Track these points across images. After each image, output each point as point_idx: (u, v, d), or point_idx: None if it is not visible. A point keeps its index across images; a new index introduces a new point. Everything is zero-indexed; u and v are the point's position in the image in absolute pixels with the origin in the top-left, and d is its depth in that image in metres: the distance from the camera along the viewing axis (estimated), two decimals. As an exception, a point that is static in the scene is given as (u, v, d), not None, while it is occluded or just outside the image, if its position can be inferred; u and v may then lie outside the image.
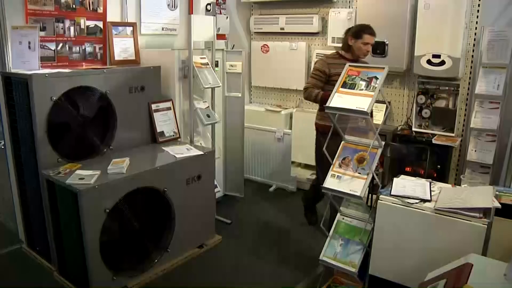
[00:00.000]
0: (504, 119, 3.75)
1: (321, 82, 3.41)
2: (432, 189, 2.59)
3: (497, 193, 2.52)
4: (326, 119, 3.29)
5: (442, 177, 3.93)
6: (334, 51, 3.64)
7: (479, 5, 3.90)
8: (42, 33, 3.23)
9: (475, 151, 3.84)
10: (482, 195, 2.36)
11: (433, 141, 3.92)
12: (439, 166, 3.96)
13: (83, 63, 3.54)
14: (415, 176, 2.90)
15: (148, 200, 3.05)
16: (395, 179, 2.74)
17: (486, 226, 2.19)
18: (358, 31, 3.42)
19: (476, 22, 3.93)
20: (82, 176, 2.72)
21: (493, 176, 3.83)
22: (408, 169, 4.06)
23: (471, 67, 4.00)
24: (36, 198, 3.06)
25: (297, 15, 4.95)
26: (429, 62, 3.92)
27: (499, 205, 2.28)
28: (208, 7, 4.42)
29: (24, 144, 3.01)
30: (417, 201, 2.46)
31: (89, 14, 3.54)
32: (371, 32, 3.43)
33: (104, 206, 2.69)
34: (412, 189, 2.58)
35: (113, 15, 3.73)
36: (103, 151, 3.24)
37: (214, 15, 4.32)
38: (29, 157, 2.98)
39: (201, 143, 4.00)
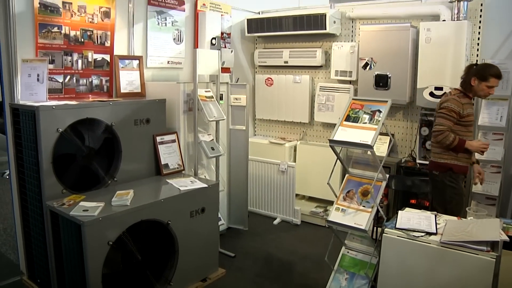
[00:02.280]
0: (508, 150, 3.75)
1: (453, 123, 3.23)
2: (437, 221, 2.57)
3: (505, 225, 2.50)
4: (457, 159, 3.28)
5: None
6: (456, 90, 3.37)
7: (479, 39, 3.97)
8: (51, 66, 3.30)
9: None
10: (489, 228, 2.34)
11: (438, 173, 3.90)
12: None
13: (90, 95, 3.59)
14: (420, 209, 2.88)
15: (152, 233, 3.03)
16: (400, 212, 2.73)
17: (494, 260, 2.16)
18: (485, 74, 3.19)
19: (477, 55, 3.99)
20: (86, 207, 2.71)
21: (500, 208, 3.80)
22: (413, 201, 4.03)
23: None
24: (39, 229, 3.05)
25: (301, 49, 5.03)
26: (431, 94, 3.95)
27: (507, 238, 2.25)
28: (213, 41, 4.50)
29: (29, 175, 3.02)
30: (423, 234, 2.44)
31: (97, 47, 3.61)
32: (498, 75, 3.21)
33: (108, 238, 2.67)
34: (417, 222, 2.57)
35: (120, 49, 3.81)
36: (107, 182, 3.24)
37: (219, 49, 4.39)
38: (34, 187, 2.99)
39: (205, 176, 4.00)
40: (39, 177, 2.89)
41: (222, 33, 4.71)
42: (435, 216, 2.65)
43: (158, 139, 3.58)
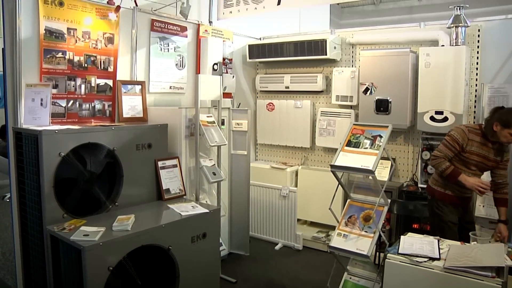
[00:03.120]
0: (510, 174, 3.73)
1: (453, 153, 3.17)
2: (440, 246, 2.55)
3: (509, 250, 2.47)
4: (448, 188, 3.24)
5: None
6: (477, 125, 3.26)
7: (477, 63, 4.02)
8: (54, 91, 3.33)
9: (483, 206, 3.80)
10: (494, 253, 2.32)
11: (440, 198, 3.88)
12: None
13: (92, 120, 3.62)
14: (422, 233, 2.86)
15: (153, 258, 3.00)
16: (402, 237, 2.71)
17: (500, 286, 2.13)
18: (509, 120, 3.02)
19: (476, 79, 4.03)
20: (87, 232, 2.70)
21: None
22: (415, 226, 4.00)
23: (474, 122, 4.05)
24: (38, 254, 3.02)
25: (302, 74, 5.08)
26: (432, 118, 3.97)
27: (512, 264, 2.23)
28: (215, 66, 4.55)
29: (30, 199, 3.02)
30: (426, 259, 2.42)
31: (100, 72, 3.66)
32: None
33: (108, 263, 2.65)
34: (420, 247, 2.55)
35: (123, 74, 3.86)
36: (108, 207, 3.23)
37: (221, 74, 4.44)
38: (34, 211, 2.97)
39: (206, 201, 3.98)
40: (40, 201, 2.88)
41: (223, 59, 4.76)
42: (438, 241, 2.63)
43: (160, 164, 3.58)
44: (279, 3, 4.29)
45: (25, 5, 3.13)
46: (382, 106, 4.28)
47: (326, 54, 4.67)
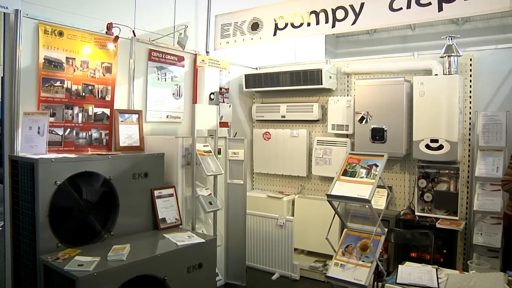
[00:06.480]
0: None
1: None
2: (438, 276, 2.52)
3: (510, 278, 2.45)
4: None
5: (449, 262, 3.83)
6: None
7: (470, 92, 4.08)
8: (52, 119, 3.35)
9: (481, 234, 3.78)
10: (493, 282, 2.30)
11: (437, 225, 3.86)
12: (445, 251, 3.88)
13: (89, 149, 3.62)
14: (421, 262, 2.84)
15: (147, 288, 2.96)
16: (400, 266, 2.69)
17: (499, 315, 2.11)
18: None
19: (470, 107, 4.08)
20: (81, 262, 2.66)
21: (503, 260, 3.73)
22: (413, 254, 3.97)
23: (469, 150, 4.08)
24: (31, 284, 2.96)
25: (298, 104, 5.12)
26: (427, 146, 3.99)
27: (512, 293, 2.21)
28: (212, 96, 4.59)
29: (24, 227, 2.99)
30: (425, 289, 2.39)
31: (97, 101, 3.68)
32: None
33: (102, 294, 2.61)
34: (418, 276, 2.52)
35: (120, 103, 3.88)
36: (104, 236, 3.20)
37: (217, 104, 4.47)
38: (28, 240, 2.94)
39: (202, 230, 3.95)
40: (35, 230, 2.85)
41: (220, 88, 4.81)
42: (436, 270, 2.61)
43: (156, 193, 3.57)
44: (275, 33, 4.37)
45: (25, 34, 3.19)
46: (378, 135, 4.31)
47: (321, 84, 4.72)
